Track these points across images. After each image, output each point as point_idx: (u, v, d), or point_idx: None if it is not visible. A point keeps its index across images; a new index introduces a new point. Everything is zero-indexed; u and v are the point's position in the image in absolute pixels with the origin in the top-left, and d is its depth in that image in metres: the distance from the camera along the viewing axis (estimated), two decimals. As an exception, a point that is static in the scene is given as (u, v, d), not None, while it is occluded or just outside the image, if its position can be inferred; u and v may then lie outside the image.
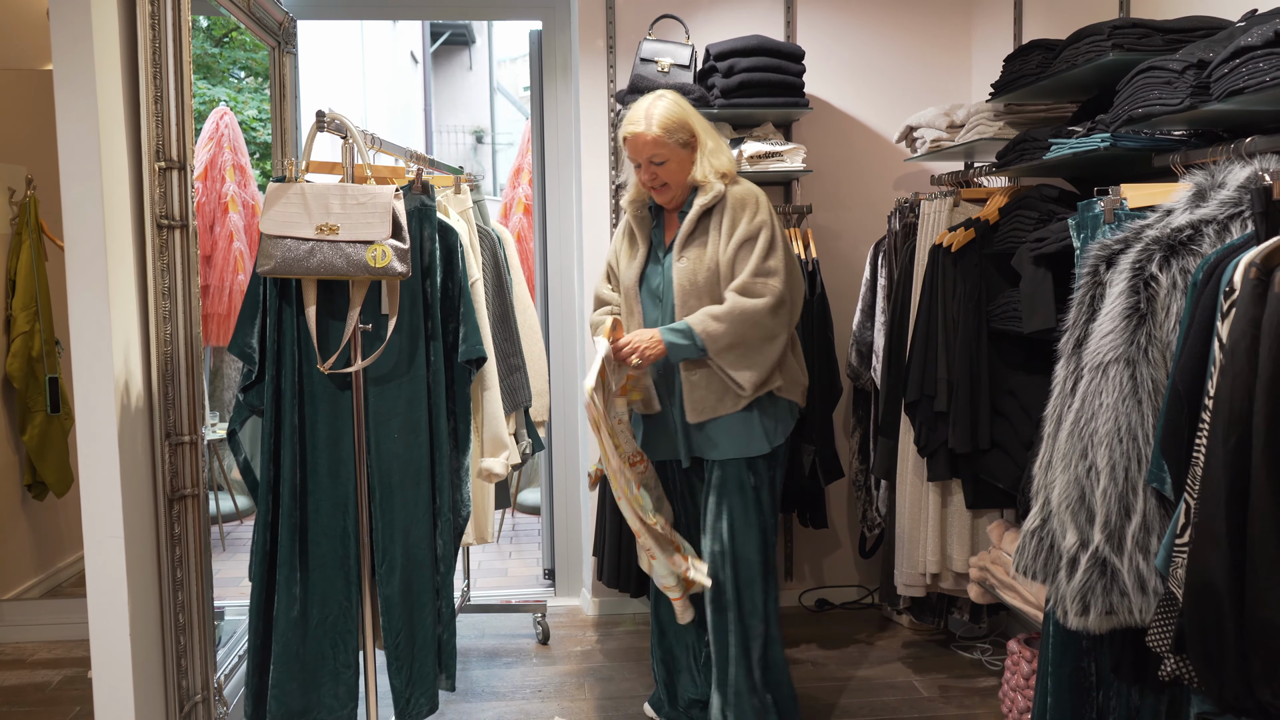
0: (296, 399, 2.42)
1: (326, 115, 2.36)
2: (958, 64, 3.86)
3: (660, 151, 2.57)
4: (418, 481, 2.45)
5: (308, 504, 2.44)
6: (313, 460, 2.43)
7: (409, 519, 2.45)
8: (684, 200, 2.66)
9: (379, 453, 2.43)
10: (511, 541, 5.01)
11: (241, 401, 2.45)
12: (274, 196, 2.32)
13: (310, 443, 2.43)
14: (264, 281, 2.40)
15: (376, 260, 2.29)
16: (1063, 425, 1.84)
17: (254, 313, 2.41)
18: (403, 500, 2.44)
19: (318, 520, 2.44)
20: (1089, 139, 2.31)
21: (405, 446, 2.44)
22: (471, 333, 2.51)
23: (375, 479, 2.43)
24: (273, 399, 2.41)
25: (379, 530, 2.44)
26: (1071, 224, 2.15)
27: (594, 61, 3.70)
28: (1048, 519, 1.88)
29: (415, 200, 2.45)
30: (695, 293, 2.57)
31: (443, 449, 2.49)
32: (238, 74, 6.61)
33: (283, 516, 2.41)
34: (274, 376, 2.41)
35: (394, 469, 2.44)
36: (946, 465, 2.94)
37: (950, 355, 2.88)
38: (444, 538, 2.51)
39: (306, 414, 2.43)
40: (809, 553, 3.94)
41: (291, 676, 2.43)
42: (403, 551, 2.45)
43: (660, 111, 2.58)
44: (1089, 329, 1.83)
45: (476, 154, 13.37)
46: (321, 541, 2.44)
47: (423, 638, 2.49)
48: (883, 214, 3.73)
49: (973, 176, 3.13)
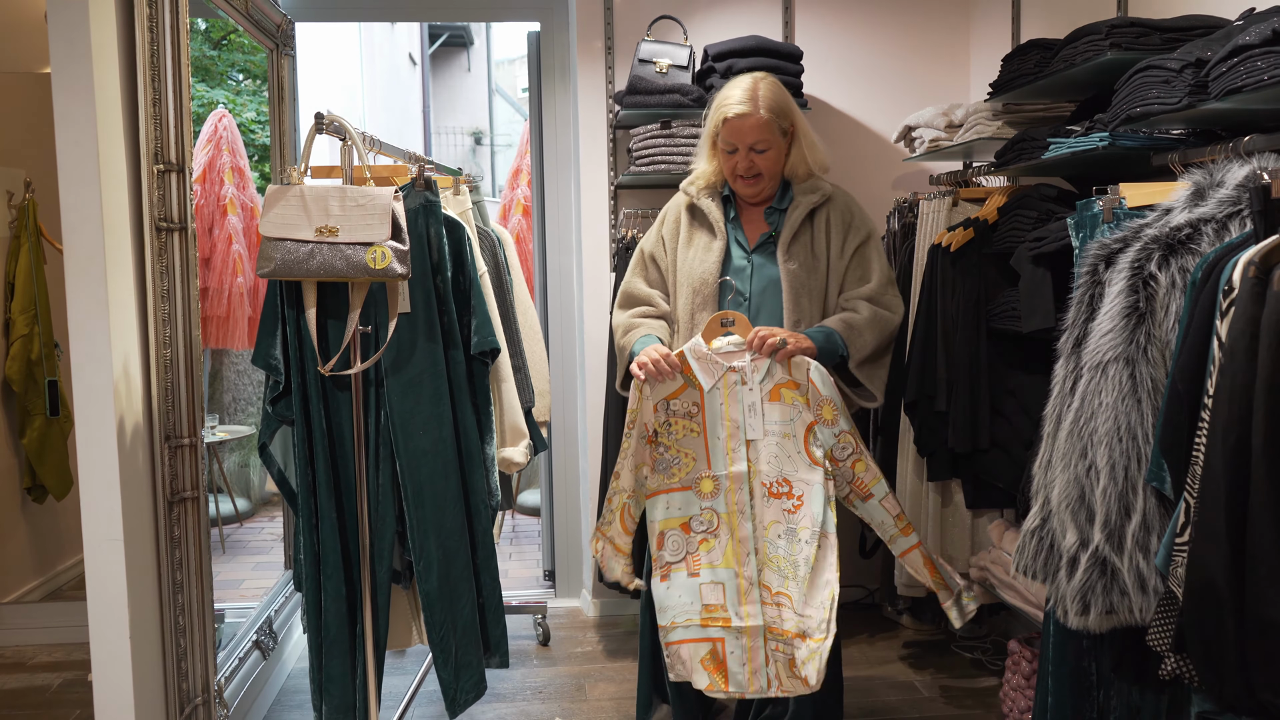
0: (322, 403, 2.44)
1: (325, 117, 2.35)
2: (956, 64, 3.87)
3: (766, 138, 2.39)
4: (446, 476, 2.47)
5: (343, 504, 2.48)
6: (343, 463, 2.48)
7: (440, 514, 2.48)
8: (772, 194, 2.50)
9: (406, 450, 2.45)
10: (511, 543, 5.00)
11: (271, 413, 2.47)
12: (273, 199, 2.32)
13: (339, 445, 2.48)
14: (280, 290, 2.41)
15: (376, 262, 2.29)
16: (1062, 424, 1.84)
17: (274, 323, 2.43)
18: (433, 495, 2.47)
19: (353, 520, 2.49)
20: (1087, 138, 2.31)
21: (432, 441, 2.46)
22: (483, 324, 2.52)
23: (405, 476, 2.45)
24: (301, 406, 2.44)
25: (413, 528, 2.47)
26: (1070, 223, 2.15)
27: (592, 63, 3.70)
28: (1048, 518, 1.88)
29: (419, 198, 2.46)
30: (809, 296, 2.41)
31: (472, 439, 2.50)
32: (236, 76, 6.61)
33: (323, 519, 2.46)
34: (299, 384, 2.43)
35: (421, 465, 2.45)
36: (946, 465, 2.94)
37: (949, 355, 2.88)
38: (483, 524, 2.54)
39: (332, 417, 2.47)
40: (809, 553, 3.93)
41: (345, 670, 2.49)
42: (438, 546, 2.48)
43: (767, 93, 2.40)
44: (1088, 328, 1.83)
45: (475, 155, 13.37)
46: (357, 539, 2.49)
47: (463, 627, 2.53)
48: (881, 214, 3.73)
49: (971, 176, 3.13)
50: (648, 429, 2.32)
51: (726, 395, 2.29)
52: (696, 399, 2.31)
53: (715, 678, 2.27)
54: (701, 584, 2.28)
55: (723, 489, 2.30)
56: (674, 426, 2.32)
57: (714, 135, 2.46)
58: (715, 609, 2.27)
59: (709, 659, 2.28)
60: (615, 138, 3.69)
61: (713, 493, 2.30)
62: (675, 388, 2.31)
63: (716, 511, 2.30)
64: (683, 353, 2.30)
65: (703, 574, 2.28)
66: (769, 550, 2.27)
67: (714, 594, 2.28)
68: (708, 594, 2.28)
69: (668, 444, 2.32)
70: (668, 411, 2.32)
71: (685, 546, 2.30)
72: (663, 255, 2.56)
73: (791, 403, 2.28)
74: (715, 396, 2.30)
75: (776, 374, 2.28)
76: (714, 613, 2.27)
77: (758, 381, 2.28)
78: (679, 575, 2.30)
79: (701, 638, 2.28)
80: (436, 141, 12.41)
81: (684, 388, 2.31)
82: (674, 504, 2.32)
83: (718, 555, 2.28)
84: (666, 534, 2.32)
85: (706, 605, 2.28)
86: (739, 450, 2.28)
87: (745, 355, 2.29)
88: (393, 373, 2.45)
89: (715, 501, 2.30)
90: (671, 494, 2.32)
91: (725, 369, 2.29)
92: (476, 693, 2.56)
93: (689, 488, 2.31)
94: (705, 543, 2.30)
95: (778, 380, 2.28)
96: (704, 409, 2.30)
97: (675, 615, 2.29)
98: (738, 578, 2.27)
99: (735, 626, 2.26)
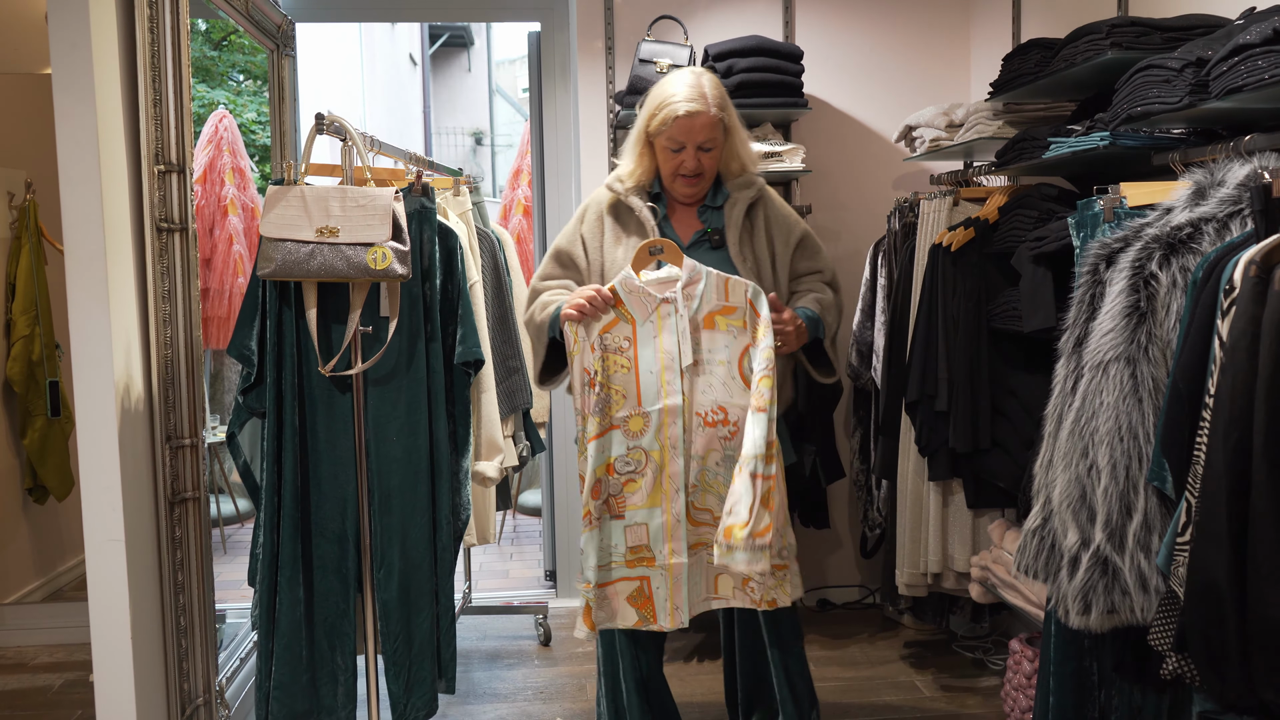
0: (297, 401, 2.42)
1: (325, 118, 2.36)
2: (956, 63, 3.86)
3: (715, 136, 2.34)
4: (416, 484, 2.45)
5: (309, 506, 2.44)
6: (314, 463, 2.44)
7: (407, 522, 2.45)
8: (705, 191, 2.46)
9: (378, 455, 2.43)
10: (513, 543, 5.00)
11: (241, 404, 2.45)
12: (274, 199, 2.32)
13: (311, 445, 2.44)
14: (263, 284, 2.40)
15: (377, 262, 2.29)
16: (1063, 424, 1.84)
17: (252, 315, 2.42)
18: (401, 503, 2.44)
19: (319, 522, 2.44)
20: (1088, 137, 2.31)
21: (404, 449, 2.44)
22: (469, 335, 2.51)
23: (374, 482, 2.43)
24: (274, 402, 2.41)
25: (377, 534, 2.44)
26: (1071, 223, 2.14)
27: (592, 63, 3.70)
28: (1049, 518, 1.88)
29: (415, 202, 2.45)
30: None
31: (442, 452, 2.49)
32: (236, 77, 6.61)
33: (285, 519, 2.41)
34: (275, 380, 2.41)
35: (393, 472, 2.44)
36: (947, 465, 2.94)
37: (950, 354, 2.87)
38: (443, 540, 2.50)
39: (306, 417, 2.43)
40: (810, 553, 3.94)
41: (295, 678, 2.43)
42: (400, 555, 2.45)
43: (713, 89, 2.34)
44: (1089, 328, 1.83)
45: (475, 156, 13.37)
46: (321, 544, 2.44)
47: (420, 642, 2.49)
48: (882, 214, 3.73)
49: (972, 176, 3.13)
50: (588, 373, 2.29)
51: (660, 327, 2.28)
52: (629, 333, 2.28)
53: (644, 613, 2.31)
54: (626, 526, 2.30)
55: (653, 425, 2.27)
56: (607, 363, 2.29)
57: (654, 133, 2.37)
58: (640, 549, 2.31)
59: (635, 595, 2.32)
60: (616, 138, 3.69)
61: (641, 430, 2.28)
62: (608, 321, 2.29)
63: (645, 449, 2.28)
64: (614, 287, 2.28)
65: (627, 515, 2.30)
66: (708, 478, 2.29)
67: (637, 535, 2.30)
68: (631, 536, 2.31)
69: (602, 382, 2.28)
70: (602, 347, 2.28)
71: (608, 489, 2.30)
72: (582, 255, 2.47)
73: (726, 329, 2.29)
74: (648, 330, 2.29)
75: (711, 300, 2.28)
76: (639, 554, 2.31)
77: (692, 311, 2.28)
78: (604, 519, 2.31)
79: (629, 576, 2.32)
80: (437, 142, 12.41)
81: (616, 321, 2.29)
82: (604, 447, 2.29)
83: (642, 497, 2.29)
84: (601, 480, 2.30)
85: (632, 548, 2.31)
86: (674, 383, 2.26)
87: (675, 285, 2.27)
88: (372, 376, 2.44)
89: (643, 439, 2.28)
90: (604, 436, 2.30)
91: (659, 301, 2.27)
92: (427, 711, 2.51)
93: (616, 427, 2.29)
94: (630, 484, 2.30)
95: (712, 307, 2.29)
96: (635, 342, 2.29)
97: (602, 558, 2.31)
98: (664, 514, 2.28)
99: (660, 565, 2.29)
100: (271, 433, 2.41)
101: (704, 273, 2.28)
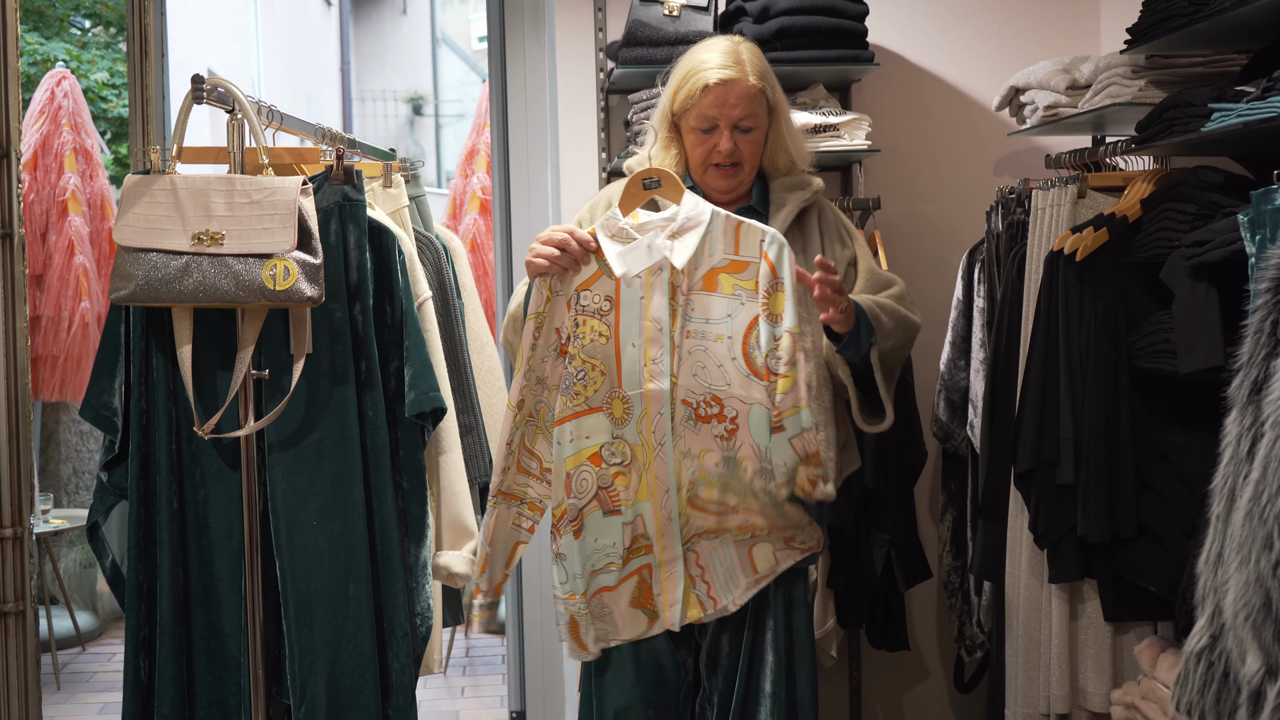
0: (174, 476, 2.42)
1: (205, 81, 2.38)
2: (1081, 2, 3.90)
3: (754, 112, 2.50)
4: (348, 587, 2.45)
5: (193, 619, 2.44)
6: (199, 560, 2.44)
7: (336, 640, 2.45)
8: (746, 191, 2.62)
9: (290, 548, 2.43)
10: (464, 672, 4.98)
11: (105, 483, 2.47)
12: (134, 193, 2.33)
13: (194, 536, 2.44)
14: (126, 313, 2.41)
15: (277, 281, 2.31)
16: (1237, 503, 1.84)
17: (114, 360, 2.43)
18: (327, 614, 2.44)
19: (211, 642, 2.44)
20: (1265, 103, 2.33)
21: (330, 538, 2.44)
22: (421, 375, 2.51)
23: (288, 586, 2.43)
24: (139, 476, 2.41)
25: (294, 657, 2.43)
26: (1244, 221, 2.16)
27: (576, 3, 3.74)
28: (1219, 635, 1.87)
29: (335, 193, 2.47)
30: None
31: (389, 538, 2.49)
32: (81, 23, 6.68)
33: (161, 637, 2.41)
34: (139, 446, 2.41)
35: (314, 571, 2.44)
36: (1076, 560, 2.93)
37: (1077, 406, 2.88)
38: (399, 662, 2.50)
39: (189, 496, 2.44)
40: (882, 683, 3.91)
41: None
42: (327, 687, 2.45)
43: (752, 57, 2.53)
44: (1271, 367, 1.84)
45: (414, 131, 13.48)
46: (218, 671, 2.44)
47: None
48: (979, 210, 3.75)
49: (1104, 156, 3.15)
50: (560, 335, 2.35)
51: (649, 287, 2.32)
52: (610, 291, 2.34)
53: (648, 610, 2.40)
54: (624, 521, 2.37)
55: (634, 414, 2.34)
56: (582, 329, 2.34)
57: (680, 110, 2.54)
58: (639, 539, 2.39)
59: (638, 594, 2.40)
60: (608, 105, 3.72)
61: (623, 418, 2.34)
62: (588, 275, 2.34)
63: (628, 441, 2.35)
64: (594, 231, 2.33)
65: (624, 511, 2.36)
66: (709, 476, 2.35)
67: (636, 528, 2.39)
68: (630, 533, 2.38)
69: (573, 352, 2.33)
70: (578, 306, 2.34)
71: (597, 481, 2.35)
72: None
73: (733, 292, 2.32)
74: (635, 288, 2.32)
75: (717, 253, 2.32)
76: (638, 543, 2.39)
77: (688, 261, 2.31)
78: (593, 517, 2.35)
79: (628, 574, 2.39)
80: (359, 111, 12.51)
81: (598, 275, 2.34)
82: (582, 431, 2.35)
83: (633, 492, 2.36)
84: (574, 474, 2.35)
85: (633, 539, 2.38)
86: (661, 360, 2.32)
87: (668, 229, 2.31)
88: (279, 439, 2.44)
89: (626, 429, 2.34)
90: (581, 419, 2.34)
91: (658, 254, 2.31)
92: None
93: (599, 409, 2.34)
94: (621, 476, 2.36)
95: (716, 262, 2.33)
96: (618, 305, 2.33)
97: (596, 562, 2.37)
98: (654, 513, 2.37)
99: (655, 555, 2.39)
100: (135, 519, 2.42)
101: (708, 213, 2.33)
